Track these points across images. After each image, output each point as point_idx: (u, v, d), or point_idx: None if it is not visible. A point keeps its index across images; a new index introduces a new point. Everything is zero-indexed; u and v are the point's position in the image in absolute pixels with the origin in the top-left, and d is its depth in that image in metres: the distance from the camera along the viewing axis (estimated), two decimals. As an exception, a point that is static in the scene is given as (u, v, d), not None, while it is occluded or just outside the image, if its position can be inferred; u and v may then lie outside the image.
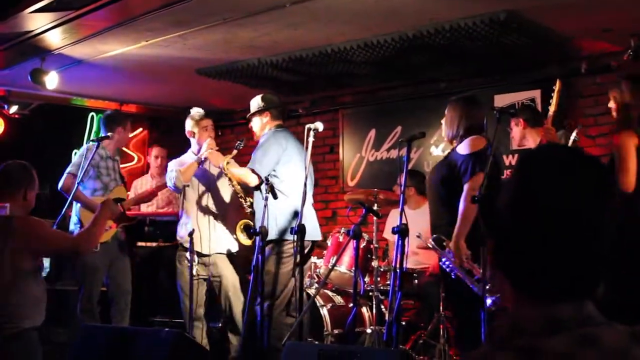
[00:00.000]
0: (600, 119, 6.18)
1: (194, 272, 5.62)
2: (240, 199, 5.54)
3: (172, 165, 5.80)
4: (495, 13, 5.25)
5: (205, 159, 5.65)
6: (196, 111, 5.91)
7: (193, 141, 5.90)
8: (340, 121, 7.98)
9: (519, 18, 5.35)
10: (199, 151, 5.76)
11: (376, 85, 7.57)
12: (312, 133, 5.01)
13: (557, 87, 4.81)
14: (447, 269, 4.37)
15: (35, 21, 5.41)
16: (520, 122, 5.12)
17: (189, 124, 5.88)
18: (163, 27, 5.56)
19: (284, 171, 5.29)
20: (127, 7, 5.13)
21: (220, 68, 6.79)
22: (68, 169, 5.94)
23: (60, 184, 5.86)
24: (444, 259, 4.38)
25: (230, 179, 5.48)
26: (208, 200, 5.79)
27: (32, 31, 5.60)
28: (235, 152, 5.50)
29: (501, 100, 6.59)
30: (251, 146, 5.67)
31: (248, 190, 5.49)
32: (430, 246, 4.50)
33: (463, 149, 4.55)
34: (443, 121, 4.85)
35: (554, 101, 4.79)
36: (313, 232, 5.35)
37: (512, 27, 5.46)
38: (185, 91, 7.90)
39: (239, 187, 5.49)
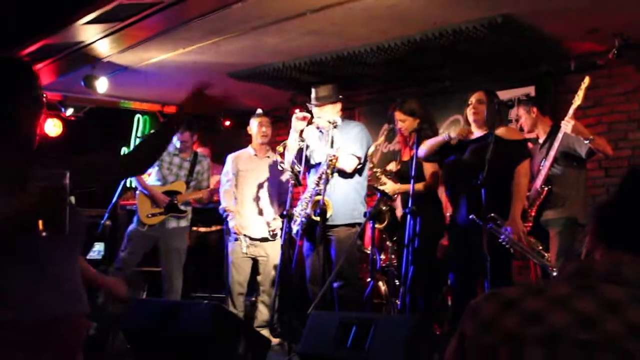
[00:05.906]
0: (588, 112, 6.08)
1: (245, 251, 5.65)
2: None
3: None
4: (494, 17, 5.17)
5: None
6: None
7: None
8: (356, 117, 7.90)
9: (515, 22, 5.28)
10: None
11: (388, 85, 7.48)
12: (331, 126, 5.07)
13: (585, 83, 4.64)
14: (507, 245, 4.20)
15: (87, 32, 5.38)
16: (533, 110, 5.01)
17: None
18: (199, 35, 5.52)
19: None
20: (167, 18, 5.09)
21: (248, 71, 6.74)
22: None
23: None
24: (502, 237, 4.18)
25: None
26: (257, 191, 5.80)
27: (84, 41, 5.58)
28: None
29: (500, 95, 6.39)
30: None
31: None
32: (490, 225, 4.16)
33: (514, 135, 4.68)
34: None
35: (581, 95, 4.62)
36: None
37: (508, 29, 5.38)
38: (218, 93, 7.82)
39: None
